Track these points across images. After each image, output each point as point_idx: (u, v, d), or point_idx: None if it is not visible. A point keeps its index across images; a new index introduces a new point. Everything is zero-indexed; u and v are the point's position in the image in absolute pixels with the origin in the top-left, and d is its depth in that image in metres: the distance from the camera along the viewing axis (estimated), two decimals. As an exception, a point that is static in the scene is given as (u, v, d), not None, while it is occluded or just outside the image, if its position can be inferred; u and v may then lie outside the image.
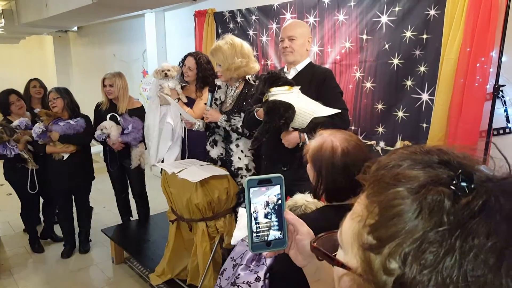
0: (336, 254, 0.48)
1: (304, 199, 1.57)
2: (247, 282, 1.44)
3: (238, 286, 1.46)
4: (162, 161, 2.97)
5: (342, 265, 0.45)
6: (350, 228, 0.44)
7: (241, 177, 2.51)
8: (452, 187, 0.37)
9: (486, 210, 0.35)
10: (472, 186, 0.37)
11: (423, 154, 0.42)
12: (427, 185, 0.37)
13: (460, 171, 0.38)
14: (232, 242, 1.68)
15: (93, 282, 3.16)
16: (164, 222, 3.18)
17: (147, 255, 3.06)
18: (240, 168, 2.50)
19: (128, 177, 3.55)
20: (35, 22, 5.80)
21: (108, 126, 3.22)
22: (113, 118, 3.29)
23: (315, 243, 0.54)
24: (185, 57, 3.03)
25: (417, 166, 0.40)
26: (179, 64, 3.06)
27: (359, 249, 0.41)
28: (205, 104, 2.63)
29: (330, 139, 1.26)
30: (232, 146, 2.51)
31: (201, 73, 2.95)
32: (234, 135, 2.50)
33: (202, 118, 2.62)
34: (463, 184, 0.37)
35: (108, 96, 3.32)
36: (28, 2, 5.72)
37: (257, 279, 1.43)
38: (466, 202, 0.36)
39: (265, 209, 0.71)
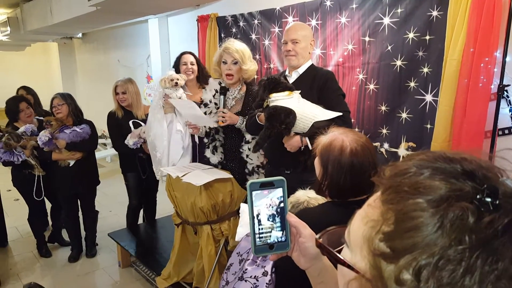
0: (340, 250, 0.47)
1: (306, 195, 1.59)
2: (255, 276, 1.46)
3: (245, 280, 1.47)
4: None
5: (348, 266, 0.44)
6: (360, 230, 0.43)
7: (259, 174, 2.54)
8: (475, 202, 0.35)
9: (511, 230, 0.34)
10: (497, 202, 0.35)
11: (446, 162, 0.40)
12: (450, 198, 0.36)
13: (485, 185, 0.36)
14: (236, 239, 1.69)
15: (100, 286, 3.18)
16: (169, 226, 3.19)
17: (153, 258, 3.07)
18: (258, 166, 2.56)
19: (146, 183, 3.48)
20: (40, 29, 5.87)
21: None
22: (136, 125, 3.22)
23: (320, 239, 0.53)
24: (180, 57, 3.06)
25: (439, 176, 0.38)
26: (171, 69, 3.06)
27: (369, 254, 0.40)
28: (206, 107, 2.62)
29: (341, 138, 1.29)
30: (251, 146, 2.50)
31: (201, 69, 3.06)
32: (248, 135, 2.51)
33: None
34: (488, 199, 0.35)
35: (121, 104, 3.25)
36: (33, 10, 5.79)
37: (264, 273, 1.45)
38: (490, 220, 0.34)
39: (267, 212, 0.71)
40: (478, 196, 0.35)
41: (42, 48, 9.45)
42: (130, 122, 3.21)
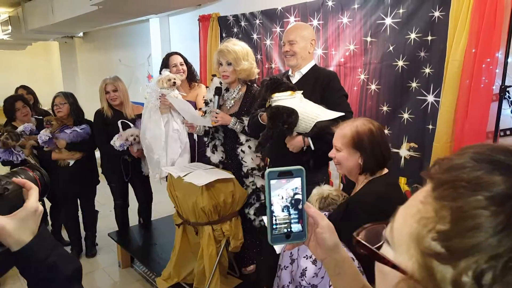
0: (378, 248, 0.45)
1: (326, 189, 1.70)
2: None
3: None
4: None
5: (393, 266, 0.40)
6: (407, 228, 0.40)
7: (254, 177, 2.51)
8: None
9: None
10: None
11: (505, 154, 0.37)
12: None
13: None
14: (278, 251, 1.68)
15: (100, 286, 3.17)
16: (170, 226, 3.18)
17: (154, 259, 3.06)
18: (254, 169, 2.52)
19: (133, 185, 3.47)
20: (41, 28, 5.88)
21: (138, 133, 3.07)
22: (125, 125, 3.16)
23: (358, 236, 0.48)
24: (168, 58, 3.09)
25: (499, 171, 0.35)
26: (160, 73, 3.03)
27: (419, 253, 0.37)
28: (206, 105, 2.63)
29: (361, 123, 1.50)
30: (244, 148, 2.50)
31: (189, 67, 3.13)
32: (243, 137, 2.50)
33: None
34: None
35: (113, 103, 3.17)
36: (34, 9, 5.79)
37: (352, 259, 1.48)
38: None
39: (284, 201, 0.71)
40: None
41: (43, 47, 9.44)
42: (119, 122, 3.13)
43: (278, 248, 1.68)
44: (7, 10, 6.57)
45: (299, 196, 0.71)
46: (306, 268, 1.61)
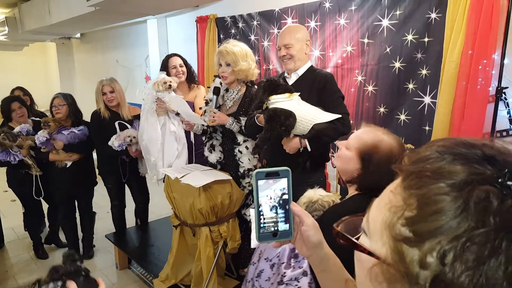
0: (357, 238, 0.48)
1: (317, 194, 1.62)
2: (295, 278, 1.46)
3: (286, 284, 1.46)
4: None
5: (368, 253, 0.44)
6: (380, 217, 0.43)
7: (251, 178, 2.52)
8: (497, 185, 0.36)
9: None
10: None
11: (466, 147, 0.40)
12: (472, 182, 0.36)
13: (506, 170, 0.37)
14: (253, 246, 1.68)
15: (97, 288, 3.16)
16: (167, 227, 3.18)
17: (151, 260, 3.05)
18: (250, 169, 2.52)
19: (130, 187, 3.46)
20: (38, 29, 5.86)
21: (135, 135, 3.07)
22: (122, 126, 3.16)
23: (338, 227, 0.52)
24: (167, 60, 3.10)
25: (460, 161, 0.39)
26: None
27: (391, 239, 0.40)
28: (207, 105, 2.63)
29: (388, 139, 1.30)
30: (242, 148, 2.51)
31: (188, 69, 3.14)
32: (240, 137, 2.50)
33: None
34: (510, 183, 0.36)
35: (110, 104, 3.15)
36: (31, 10, 5.77)
37: (304, 274, 1.43)
38: None
39: (272, 200, 0.73)
40: (499, 180, 0.36)
41: (40, 48, 9.42)
42: (116, 123, 3.13)
43: (253, 243, 1.69)
44: (4, 10, 6.56)
45: (286, 197, 0.74)
46: (263, 270, 1.61)
